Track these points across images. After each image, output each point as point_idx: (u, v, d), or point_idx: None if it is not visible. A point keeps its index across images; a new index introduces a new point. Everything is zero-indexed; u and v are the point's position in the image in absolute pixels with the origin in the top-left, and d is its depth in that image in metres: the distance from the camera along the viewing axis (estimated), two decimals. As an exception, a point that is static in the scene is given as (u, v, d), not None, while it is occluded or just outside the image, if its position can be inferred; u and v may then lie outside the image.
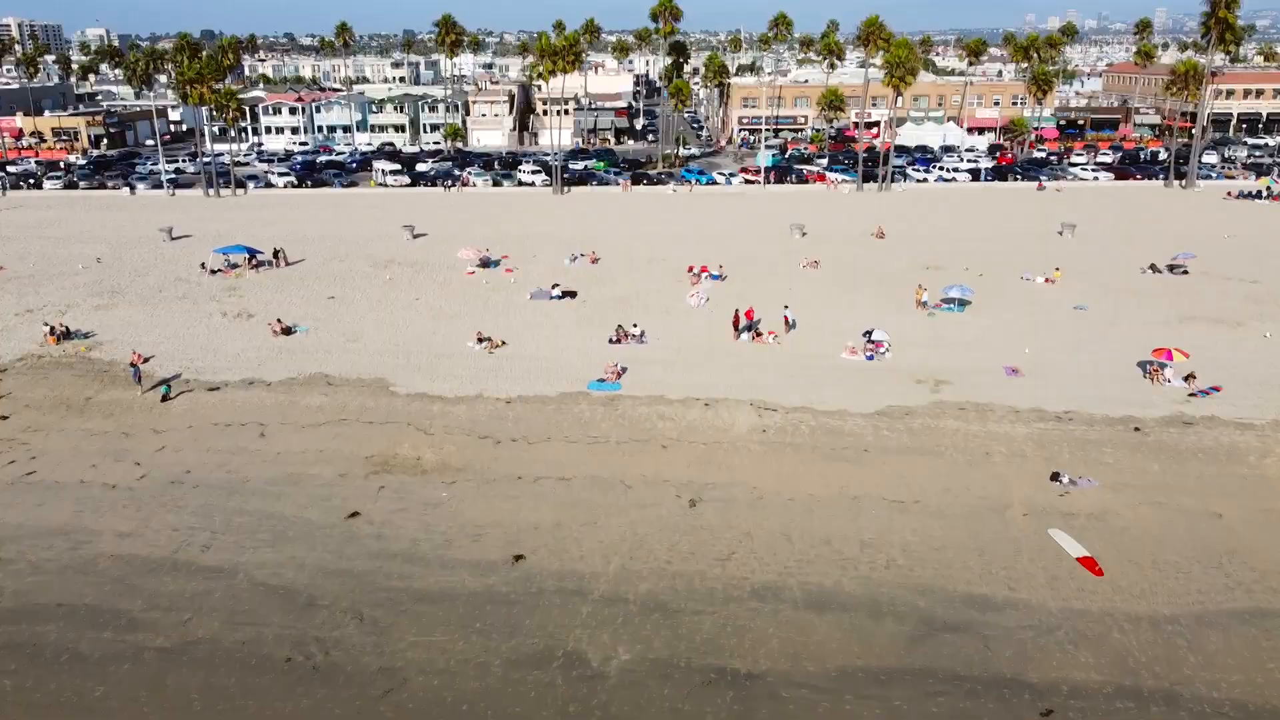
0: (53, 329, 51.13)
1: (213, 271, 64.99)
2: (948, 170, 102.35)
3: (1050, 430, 39.23)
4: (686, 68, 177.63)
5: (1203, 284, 60.92)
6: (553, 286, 60.53)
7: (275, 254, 67.11)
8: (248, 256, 65.37)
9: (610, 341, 49.90)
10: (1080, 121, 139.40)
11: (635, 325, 50.84)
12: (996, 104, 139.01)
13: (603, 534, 32.22)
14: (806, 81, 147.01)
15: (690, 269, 63.03)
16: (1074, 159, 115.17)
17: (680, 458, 37.55)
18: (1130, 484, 35.02)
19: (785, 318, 51.21)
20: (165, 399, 42.95)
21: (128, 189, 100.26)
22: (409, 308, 56.77)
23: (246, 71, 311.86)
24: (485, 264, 66.09)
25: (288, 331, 51.97)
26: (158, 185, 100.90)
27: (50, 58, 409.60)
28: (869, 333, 48.15)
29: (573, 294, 59.07)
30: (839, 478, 35.82)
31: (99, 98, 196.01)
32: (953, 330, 51.81)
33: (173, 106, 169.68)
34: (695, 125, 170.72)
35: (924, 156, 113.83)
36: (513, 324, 53.54)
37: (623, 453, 38.01)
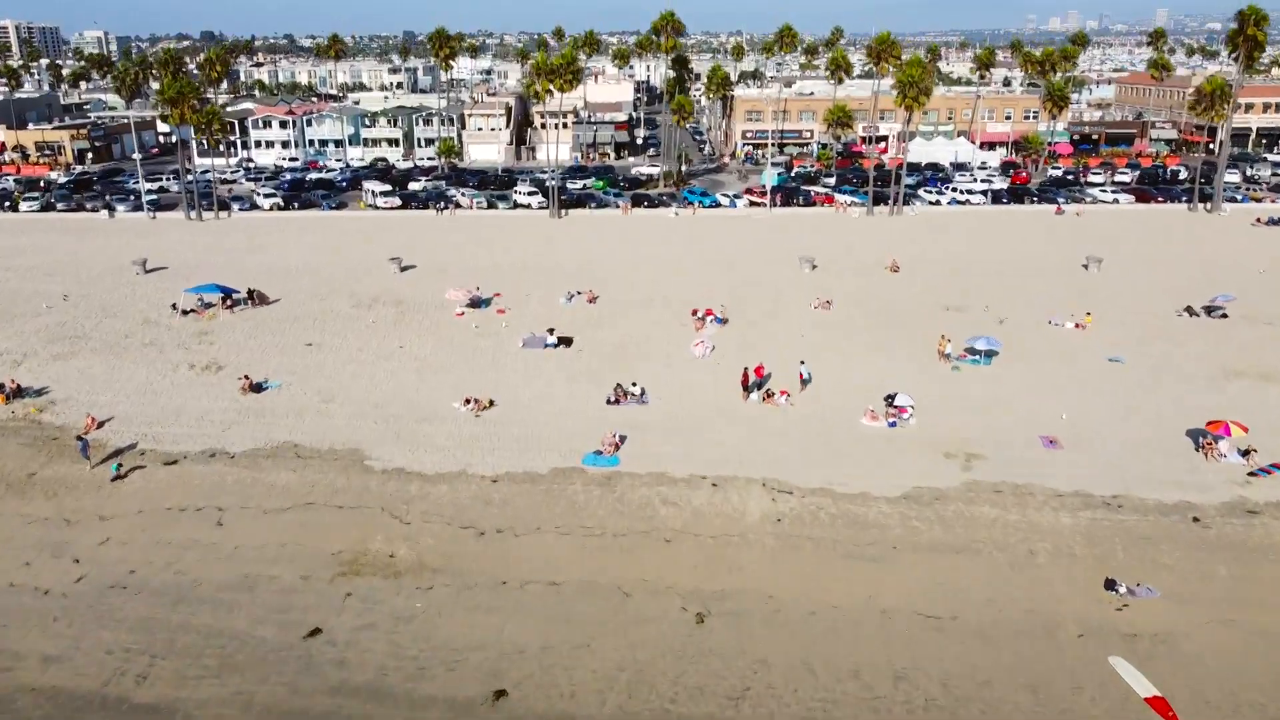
0: (2, 386, 47.05)
1: (184, 312, 60.87)
2: (961, 192, 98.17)
3: (1099, 521, 35.10)
4: (688, 77, 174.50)
5: (1244, 330, 56.75)
6: (548, 331, 56.42)
7: (250, 294, 62.99)
8: (222, 297, 61.23)
9: (608, 402, 45.82)
10: (1094, 136, 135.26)
11: (635, 384, 46.72)
12: (1008, 118, 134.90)
13: (597, 660, 28.13)
14: (812, 94, 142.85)
15: (694, 312, 58.89)
16: (1091, 177, 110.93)
17: (686, 556, 33.45)
18: (1196, 594, 30.89)
19: (800, 374, 47.04)
20: (116, 478, 38.81)
21: (106, 211, 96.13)
22: (391, 358, 52.64)
23: (242, 77, 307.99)
24: (475, 304, 61.98)
25: (257, 388, 47.86)
26: (140, 207, 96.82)
27: (45, 61, 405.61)
28: (891, 397, 44.03)
29: (568, 341, 54.95)
30: (865, 582, 31.71)
31: (88, 107, 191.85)
32: (980, 387, 47.68)
33: (162, 117, 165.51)
34: (697, 136, 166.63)
35: (936, 176, 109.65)
36: (503, 378, 49.44)
37: (621, 549, 33.91)
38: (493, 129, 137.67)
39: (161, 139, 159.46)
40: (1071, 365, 50.70)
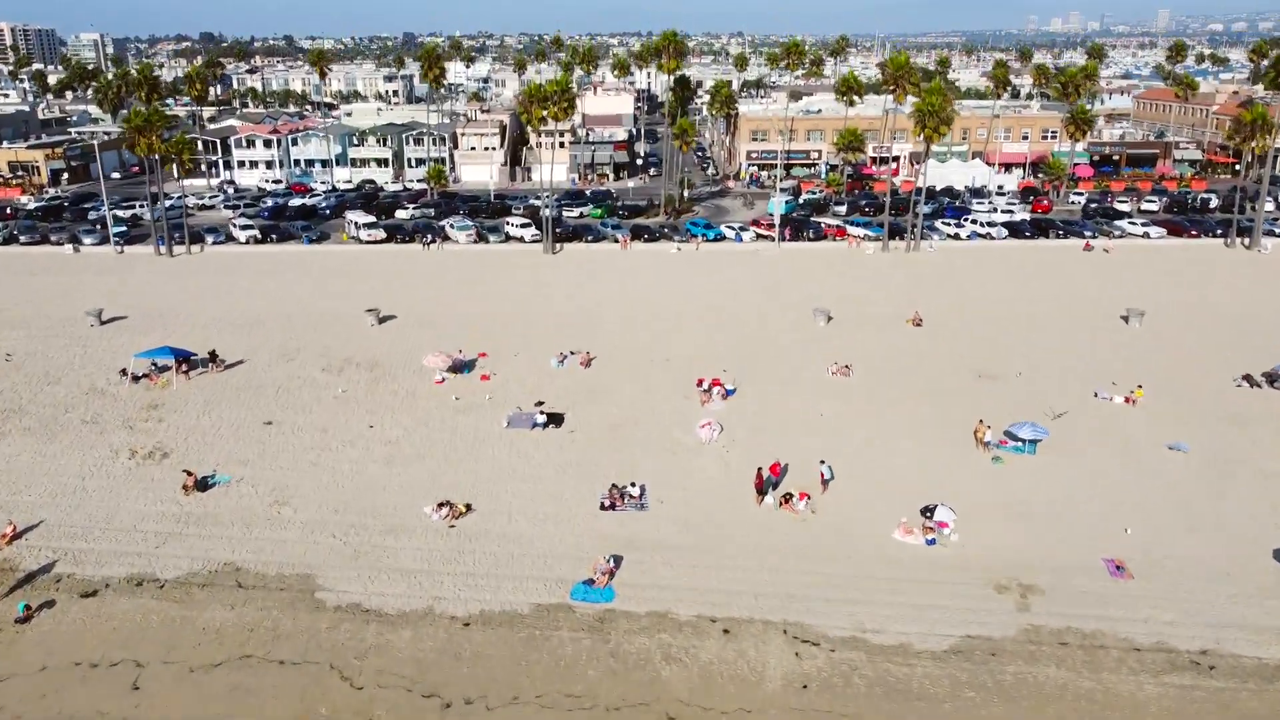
0: (-90, 485, 41.23)
1: (135, 378, 54.98)
2: (981, 224, 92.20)
3: (1189, 690, 29.22)
4: (690, 77, 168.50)
5: (1314, 405, 50.87)
6: (536, 405, 50.64)
7: (211, 357, 57.09)
8: (176, 362, 55.32)
9: (602, 507, 39.97)
10: (1115, 157, 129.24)
11: (633, 484, 40.85)
12: (1025, 138, 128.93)
13: None
14: (820, 112, 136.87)
15: (699, 382, 52.95)
16: (1117, 203, 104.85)
17: (693, 743, 27.57)
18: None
19: (820, 475, 41.15)
20: (20, 620, 32.93)
21: (71, 245, 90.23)
22: (358, 442, 46.74)
23: (235, 85, 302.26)
24: (457, 368, 56.08)
25: (203, 485, 41.99)
26: (109, 239, 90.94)
27: (36, 67, 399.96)
28: (930, 510, 38.12)
29: (558, 419, 49.04)
30: (913, 786, 25.82)
31: (73, 120, 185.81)
32: (1025, 484, 41.77)
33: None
34: (699, 152, 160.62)
35: (953, 205, 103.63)
36: (483, 471, 43.57)
37: (615, 730, 28.04)
38: (486, 148, 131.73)
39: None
40: (1126, 454, 44.79)
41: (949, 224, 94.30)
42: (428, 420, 49.36)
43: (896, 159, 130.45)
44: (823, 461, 41.81)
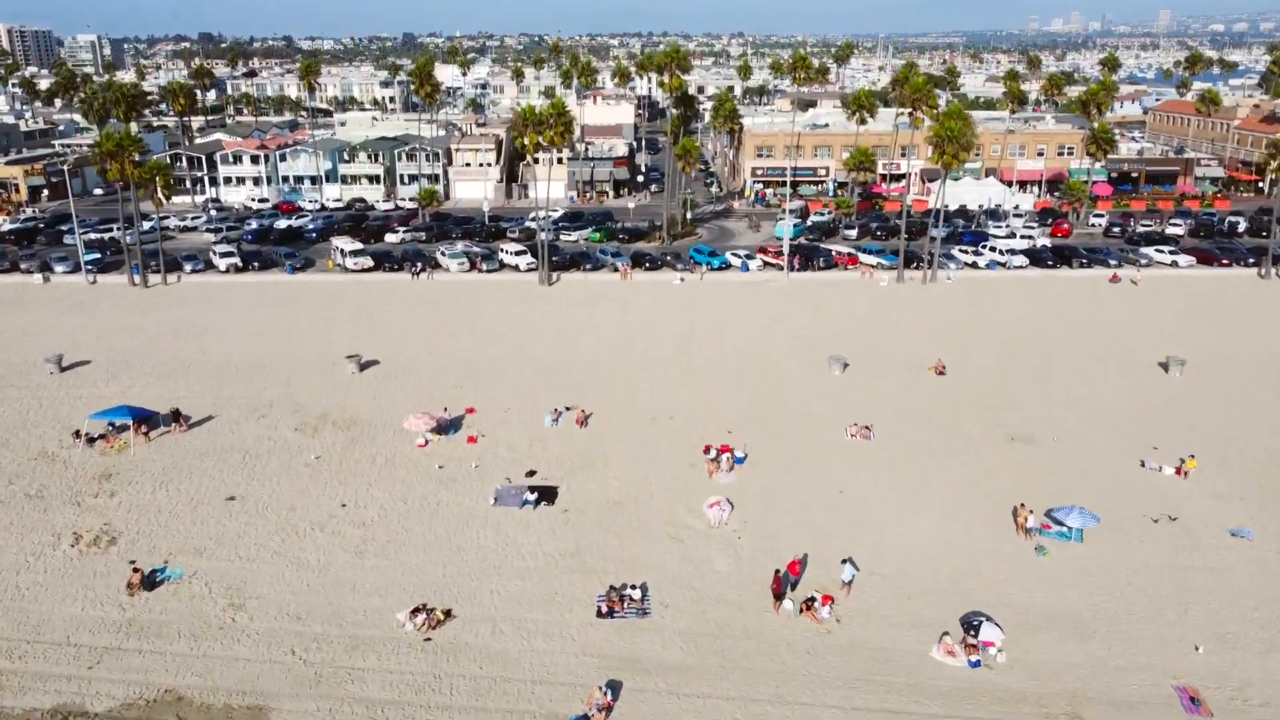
0: None
1: (90, 440, 50.34)
2: (1001, 252, 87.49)
3: None
4: (693, 93, 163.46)
5: (1384, 477, 46.15)
6: (527, 476, 46.10)
7: (174, 415, 52.40)
8: (135, 423, 50.65)
9: (599, 613, 35.30)
10: (1134, 174, 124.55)
11: (633, 586, 36.19)
12: (1041, 154, 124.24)
13: None
14: (827, 126, 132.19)
15: (707, 449, 48.24)
16: (1141, 226, 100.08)
17: None
18: None
19: (844, 581, 36.45)
20: (-84, 772, 28.31)
21: (41, 275, 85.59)
22: (329, 524, 42.05)
23: (229, 90, 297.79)
24: (442, 429, 51.39)
25: (150, 583, 37.32)
26: (97, 262, 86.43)
27: (30, 71, 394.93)
28: (974, 626, 33.41)
29: (550, 495, 44.38)
30: None
31: (60, 130, 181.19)
32: (1077, 584, 37.07)
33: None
34: (703, 165, 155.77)
35: (970, 230, 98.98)
36: (465, 563, 38.91)
37: None
38: (482, 164, 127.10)
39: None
40: (1184, 542, 40.10)
41: (966, 251, 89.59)
42: (407, 495, 44.67)
43: (907, 176, 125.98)
44: (846, 560, 37.13)
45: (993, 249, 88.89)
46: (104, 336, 69.17)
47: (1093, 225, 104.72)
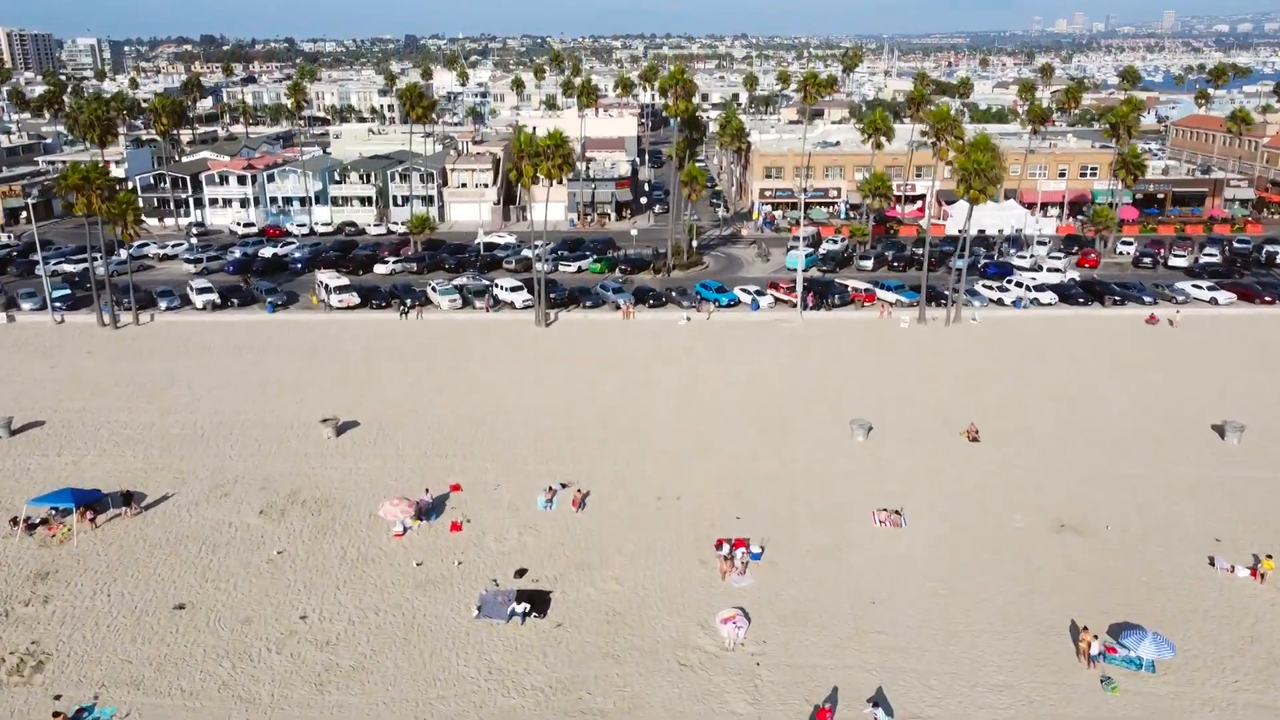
0: None
1: (30, 527, 45.15)
2: (1028, 288, 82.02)
3: None
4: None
5: None
6: (516, 576, 40.91)
7: (125, 498, 47.13)
8: (80, 509, 45.40)
9: (595, 776, 29.98)
10: (1160, 196, 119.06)
11: (637, 742, 30.88)
12: (1063, 174, 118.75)
13: None
14: (838, 144, 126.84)
15: (719, 544, 42.89)
16: (1174, 259, 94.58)
17: None
18: None
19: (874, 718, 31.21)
20: None
21: (6, 314, 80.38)
22: (288, 642, 36.76)
23: (225, 98, 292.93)
24: (422, 513, 46.11)
25: (75, 729, 32.11)
26: (53, 301, 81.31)
27: (26, 74, 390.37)
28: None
29: (541, 604, 39.05)
30: None
31: (48, 143, 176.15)
32: (1152, 730, 31.77)
33: (115, 162, 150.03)
34: (708, 182, 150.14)
35: (994, 261, 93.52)
36: (444, 697, 33.65)
37: None
38: (479, 185, 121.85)
39: (116, 186, 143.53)
40: (1272, 672, 34.68)
41: (990, 286, 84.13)
42: (380, 604, 39.37)
43: (922, 197, 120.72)
44: (876, 704, 31.83)
45: (1019, 284, 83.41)
46: (64, 390, 63.99)
47: (1120, 253, 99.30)
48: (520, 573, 41.46)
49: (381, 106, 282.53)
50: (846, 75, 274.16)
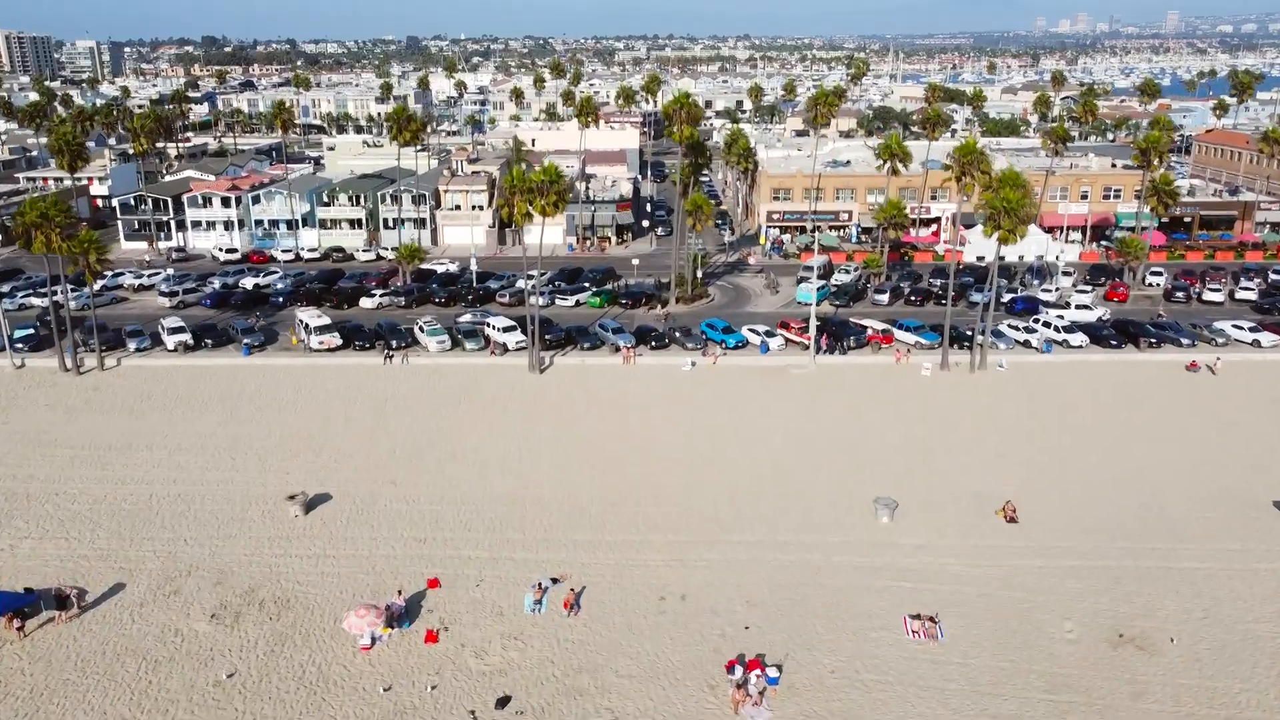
0: None
1: (-51, 638, 39.86)
2: (1057, 329, 76.57)
3: None
4: (699, 96, 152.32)
5: None
6: (498, 708, 35.56)
7: (59, 601, 41.79)
8: (6, 617, 40.11)
9: None
10: (1187, 219, 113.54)
11: None
12: (1084, 196, 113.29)
13: None
14: (849, 164, 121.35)
15: (730, 666, 37.48)
16: (1209, 293, 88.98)
17: None
18: None
19: None
20: None
21: (-39, 358, 75.19)
22: (228, 804, 31.47)
23: (220, 105, 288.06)
24: (394, 619, 40.77)
25: None
26: (14, 340, 76.04)
27: (21, 81, 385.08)
28: None
29: (527, 748, 33.74)
30: None
31: (31, 156, 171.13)
32: None
33: (99, 179, 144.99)
34: (712, 198, 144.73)
35: (1020, 295, 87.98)
36: None
37: None
38: (473, 206, 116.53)
39: (97, 206, 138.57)
40: None
41: (1016, 328, 78.62)
42: (339, 745, 34.07)
43: (938, 220, 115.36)
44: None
45: (1046, 323, 77.95)
46: (13, 450, 58.74)
47: (1150, 285, 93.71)
48: (502, 702, 36.12)
49: (379, 114, 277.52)
50: (855, 84, 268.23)
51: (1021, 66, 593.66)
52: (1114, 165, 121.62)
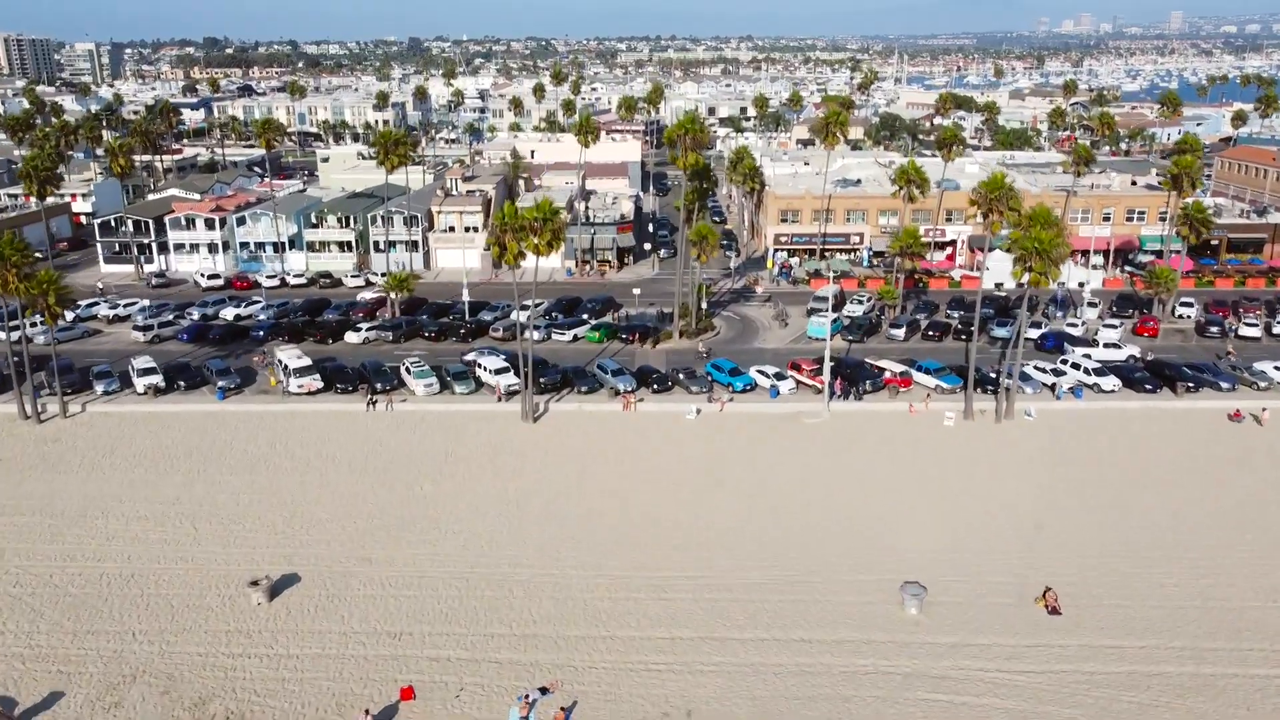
0: None
1: None
2: (1087, 371, 71.53)
3: None
4: (702, 101, 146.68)
5: None
6: None
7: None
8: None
9: None
10: (1214, 242, 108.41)
11: None
12: (1107, 218, 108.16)
13: None
14: (860, 183, 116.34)
15: (743, 814, 32.58)
16: (1244, 328, 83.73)
17: None
18: None
19: None
20: None
21: (-85, 403, 70.36)
22: None
23: (215, 113, 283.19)
24: (363, 743, 35.92)
25: None
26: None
27: (17, 86, 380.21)
28: None
29: None
30: None
31: (14, 168, 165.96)
32: None
33: (83, 195, 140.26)
34: (717, 217, 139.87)
35: (1047, 330, 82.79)
36: None
37: None
38: (468, 228, 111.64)
39: (79, 222, 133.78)
40: None
41: (1043, 369, 73.54)
42: None
43: (953, 243, 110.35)
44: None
45: (1075, 365, 72.91)
46: (-43, 519, 53.88)
47: (1181, 317, 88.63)
48: None
49: (376, 122, 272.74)
50: (864, 94, 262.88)
51: (1026, 69, 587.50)
52: (1134, 183, 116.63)
